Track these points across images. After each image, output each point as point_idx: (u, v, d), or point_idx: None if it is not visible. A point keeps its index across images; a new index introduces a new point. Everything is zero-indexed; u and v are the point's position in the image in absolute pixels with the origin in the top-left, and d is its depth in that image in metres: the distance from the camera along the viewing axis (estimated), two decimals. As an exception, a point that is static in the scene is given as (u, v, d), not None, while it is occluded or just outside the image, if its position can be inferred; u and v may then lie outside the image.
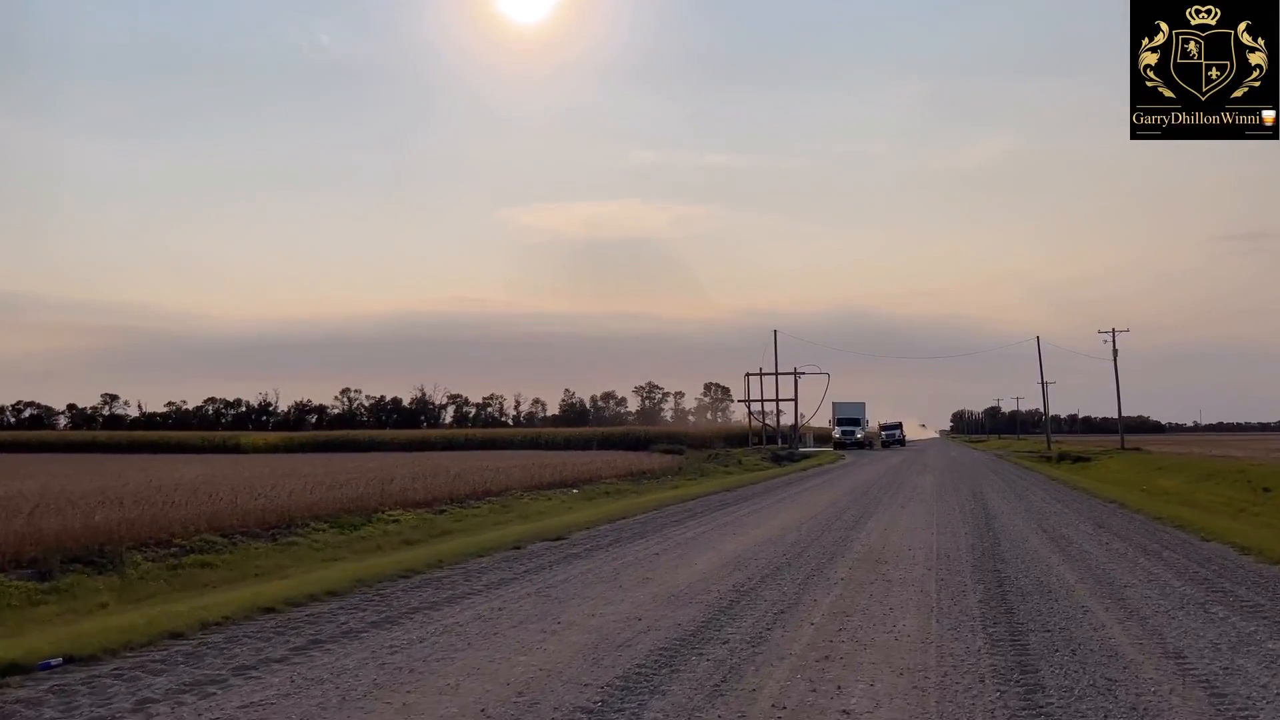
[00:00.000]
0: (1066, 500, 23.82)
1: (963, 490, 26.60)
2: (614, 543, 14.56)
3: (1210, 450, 67.61)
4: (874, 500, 22.82)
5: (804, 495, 25.44)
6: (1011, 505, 21.49)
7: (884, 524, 16.93)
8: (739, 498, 25.14)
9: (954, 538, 14.73)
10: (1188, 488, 33.50)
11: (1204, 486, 33.42)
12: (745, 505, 21.97)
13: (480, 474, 36.04)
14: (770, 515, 19.00)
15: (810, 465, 51.03)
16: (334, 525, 21.21)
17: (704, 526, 16.81)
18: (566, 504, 28.16)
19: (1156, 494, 31.01)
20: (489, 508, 25.98)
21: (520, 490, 32.04)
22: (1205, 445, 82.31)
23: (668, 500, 25.65)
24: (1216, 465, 40.92)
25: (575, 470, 40.53)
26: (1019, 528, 16.47)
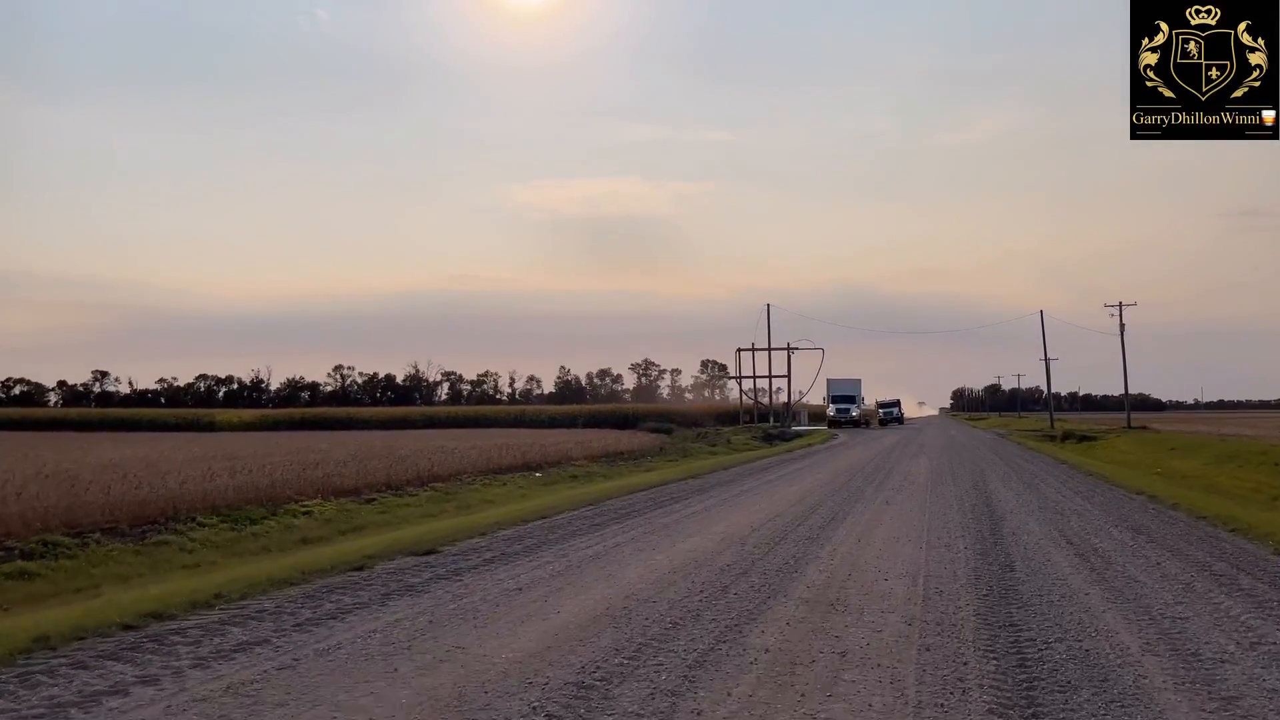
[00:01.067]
0: (1083, 490, 20.09)
1: (962, 478, 22.88)
2: (495, 559, 10.78)
3: (1219, 429, 64.36)
4: (855, 493, 19.08)
5: (776, 484, 21.76)
6: (1021, 499, 17.79)
7: (858, 532, 13.15)
8: (702, 487, 21.54)
9: (949, 557, 10.98)
10: (1207, 471, 30.42)
11: (1225, 470, 30.35)
12: (702, 498, 18.26)
13: (434, 456, 32.65)
14: (722, 514, 15.33)
15: (799, 446, 47.42)
16: (228, 519, 17.97)
17: (630, 532, 13.03)
18: (519, 490, 24.98)
19: (1175, 478, 27.88)
20: (428, 496, 22.59)
21: (473, 475, 28.74)
22: (1211, 423, 78.88)
23: (630, 488, 22.13)
24: (1234, 446, 37.77)
25: (544, 451, 37.18)
26: (1035, 536, 12.69)
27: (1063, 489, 20.43)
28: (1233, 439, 44.78)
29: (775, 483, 22.14)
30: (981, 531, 13.12)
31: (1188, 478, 28.02)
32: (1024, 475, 24.50)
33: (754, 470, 27.63)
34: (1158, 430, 62.79)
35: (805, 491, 19.22)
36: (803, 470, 26.68)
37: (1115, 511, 15.78)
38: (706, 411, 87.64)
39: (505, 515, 16.87)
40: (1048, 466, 28.96)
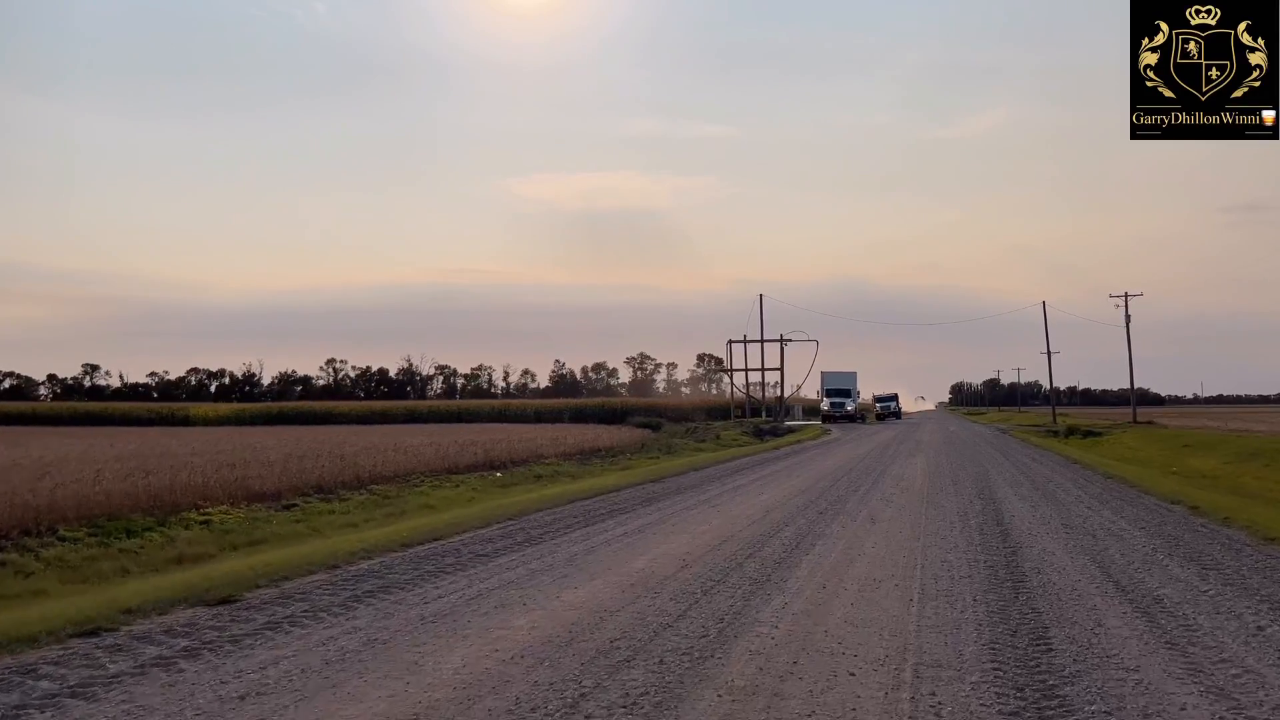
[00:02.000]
0: (1107, 498, 16.46)
1: (965, 484, 19.35)
2: (285, 622, 7.34)
3: (1225, 424, 61.54)
4: (835, 504, 15.53)
5: (747, 490, 18.18)
6: (1038, 513, 14.26)
7: (827, 568, 9.57)
8: (661, 492, 18.10)
9: (952, 618, 7.42)
10: (1229, 470, 27.27)
11: (1249, 469, 27.16)
12: (650, 509, 14.60)
13: (385, 455, 29.39)
14: (661, 535, 11.81)
15: (789, 442, 44.02)
16: (101, 532, 15.10)
17: (519, 568, 9.54)
18: (469, 493, 21.84)
19: (1195, 478, 24.83)
20: (362, 500, 19.77)
21: (425, 475, 25.53)
22: (1216, 419, 75.73)
23: (584, 492, 18.80)
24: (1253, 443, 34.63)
25: (512, 449, 33.88)
26: (1069, 576, 9.13)
27: (1083, 496, 16.98)
28: (1247, 435, 41.67)
29: (746, 488, 18.69)
30: (994, 567, 9.55)
31: (1209, 478, 24.95)
32: (1034, 478, 21.06)
33: (730, 471, 24.21)
34: (1165, 426, 59.46)
35: (777, 501, 15.75)
36: (783, 472, 23.21)
37: (1158, 531, 12.28)
38: (699, 406, 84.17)
39: (414, 529, 13.61)
40: (1058, 467, 25.52)
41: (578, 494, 17.95)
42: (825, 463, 26.81)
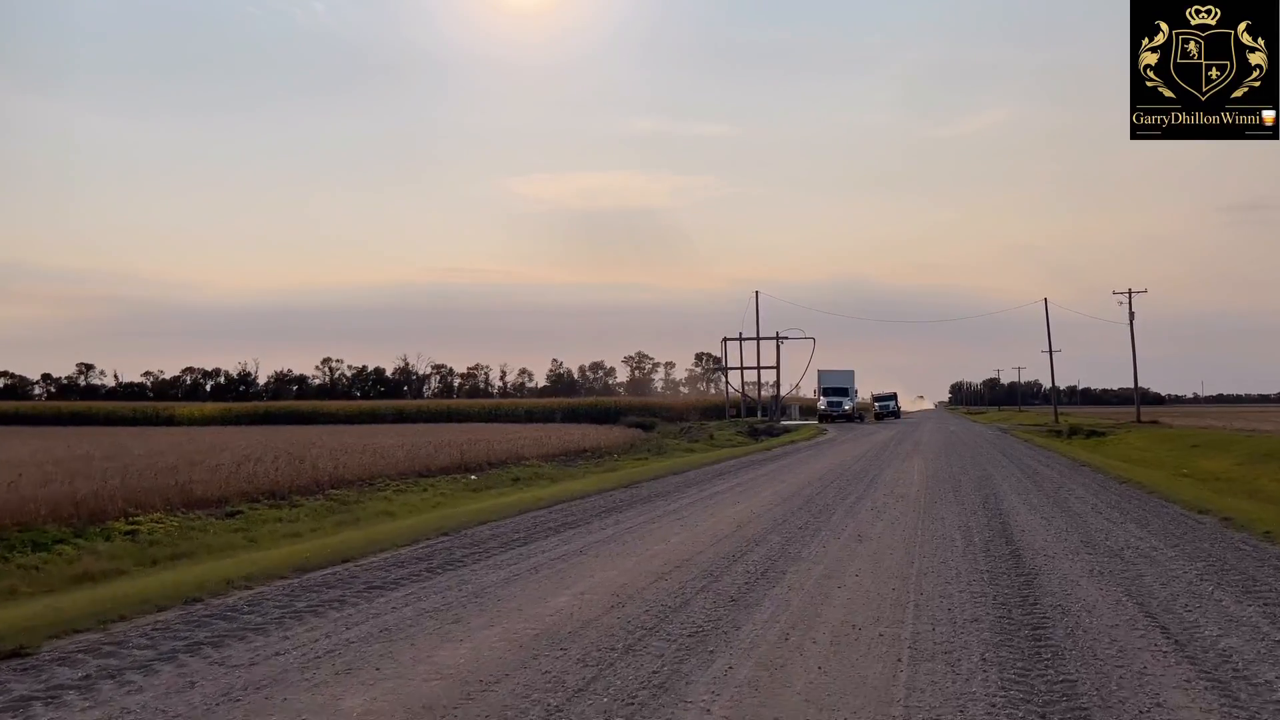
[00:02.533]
0: (1128, 508, 14.40)
1: (966, 490, 17.36)
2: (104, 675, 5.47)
3: (1230, 423, 59.78)
4: (819, 515, 13.50)
5: (724, 497, 16.06)
6: (1053, 528, 12.24)
7: (797, 608, 7.52)
8: (640, 497, 16.11)
9: (956, 691, 5.38)
10: (1242, 472, 25.31)
11: (1263, 471, 25.24)
12: (612, 520, 12.67)
13: (349, 456, 27.49)
14: (610, 556, 9.85)
15: (782, 442, 42.04)
16: (4, 544, 13.42)
17: (451, 592, 7.76)
18: (435, 499, 20.06)
19: (1208, 481, 23.01)
20: (316, 506, 17.60)
21: (391, 478, 23.66)
22: (1220, 418, 73.80)
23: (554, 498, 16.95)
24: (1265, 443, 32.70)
25: (492, 449, 31.96)
26: (1104, 620, 7.09)
27: (1099, 505, 14.97)
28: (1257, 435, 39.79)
29: (724, 495, 16.70)
30: (1006, 605, 7.52)
31: (1223, 480, 23.03)
32: (1043, 485, 19.05)
33: (713, 475, 22.23)
34: (1169, 425, 57.51)
35: (754, 512, 13.74)
36: (768, 476, 21.21)
37: (1195, 551, 10.24)
38: (694, 405, 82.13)
39: (321, 549, 11.73)
40: (1066, 470, 23.50)
41: (536, 502, 15.99)
42: (816, 465, 24.82)
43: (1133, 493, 17.49)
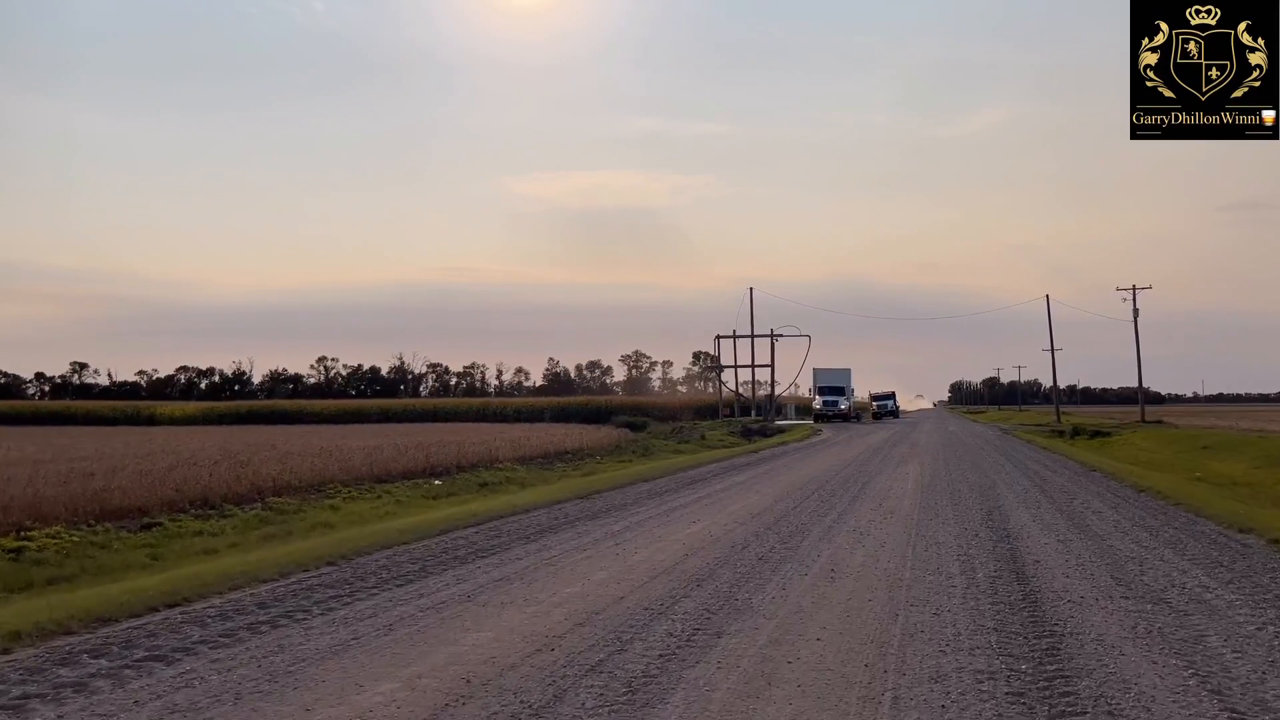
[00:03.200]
0: (1160, 528, 12.19)
1: (967, 504, 15.16)
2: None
3: (1236, 423, 57.83)
4: (790, 539, 11.24)
5: (680, 513, 14.01)
6: (1074, 558, 9.98)
7: (722, 700, 5.27)
8: (592, 511, 14.03)
9: None
10: (1260, 476, 23.44)
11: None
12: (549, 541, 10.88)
13: (305, 460, 25.48)
14: (503, 604, 7.69)
15: (774, 443, 39.98)
16: None
17: (211, 685, 5.45)
18: (387, 508, 18.19)
19: (1224, 485, 21.35)
20: (250, 517, 15.76)
21: (346, 483, 21.70)
22: (1224, 417, 71.75)
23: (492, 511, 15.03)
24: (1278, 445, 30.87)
25: (463, 451, 29.92)
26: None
27: (1122, 523, 12.78)
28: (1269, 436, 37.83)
29: (686, 509, 14.50)
30: (1027, 700, 5.25)
31: (1240, 485, 21.14)
32: (1053, 494, 16.95)
33: (687, 481, 20.15)
34: (1175, 425, 55.45)
35: (711, 535, 11.38)
36: (746, 484, 19.13)
37: (1263, 594, 7.76)
38: (688, 405, 80.00)
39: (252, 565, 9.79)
40: (1076, 477, 21.38)
41: (471, 518, 13.88)
42: (803, 470, 22.75)
43: (1154, 504, 15.41)
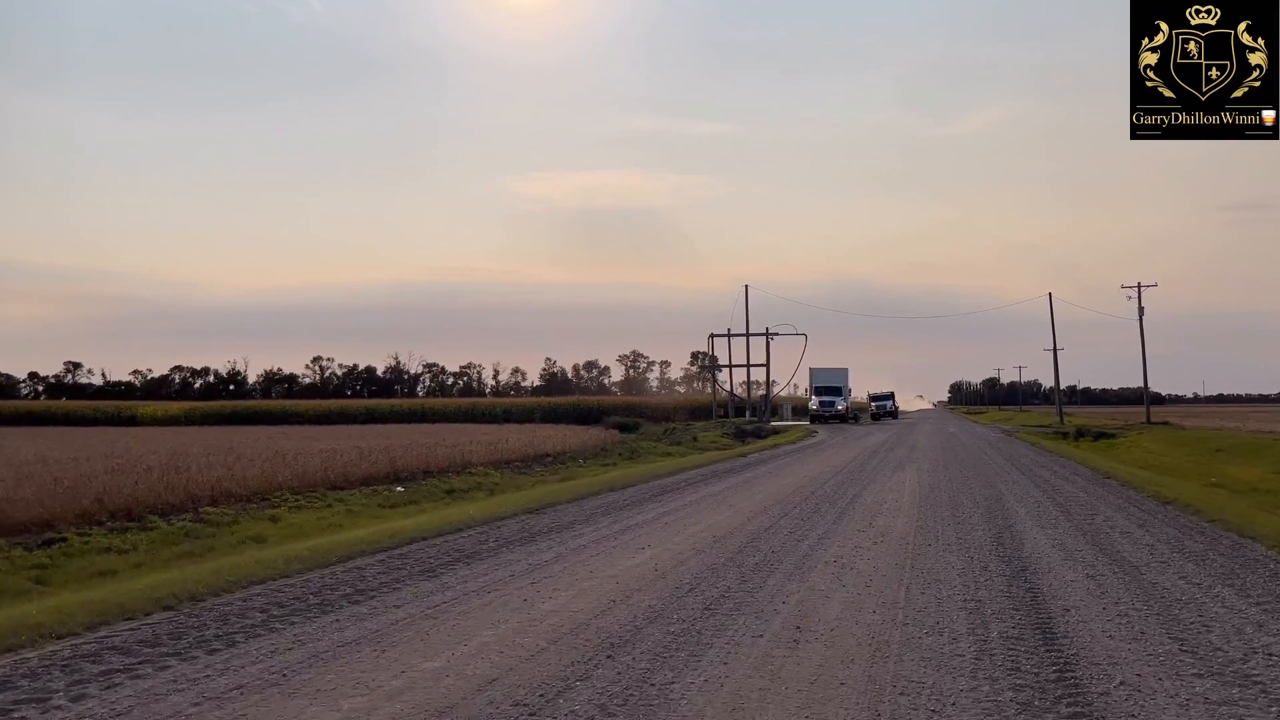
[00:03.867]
0: (1205, 555, 10.09)
1: (972, 523, 13.04)
2: None
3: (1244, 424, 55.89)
4: (753, 575, 9.14)
5: (636, 533, 11.90)
6: (1115, 608, 7.81)
7: None
8: (535, 529, 11.96)
9: None
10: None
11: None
12: (449, 579, 8.79)
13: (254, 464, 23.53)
14: (318, 693, 5.55)
15: (765, 446, 37.92)
16: None
17: None
18: (334, 518, 16.54)
19: (1245, 492, 19.00)
20: (175, 529, 14.10)
21: (296, 491, 19.77)
22: (1229, 418, 69.67)
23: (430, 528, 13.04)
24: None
25: (432, 455, 27.91)
26: None
27: (1159, 547, 10.50)
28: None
29: (643, 529, 12.30)
30: None
31: (1262, 493, 19.25)
32: (1070, 509, 14.81)
33: (659, 491, 18.09)
34: (1182, 426, 53.37)
35: (657, 568, 9.50)
36: (722, 496, 17.01)
37: None
38: (682, 405, 77.89)
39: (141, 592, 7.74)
40: (1092, 486, 19.23)
41: (391, 538, 11.79)
42: (789, 478, 20.67)
43: (1186, 520, 13.31)
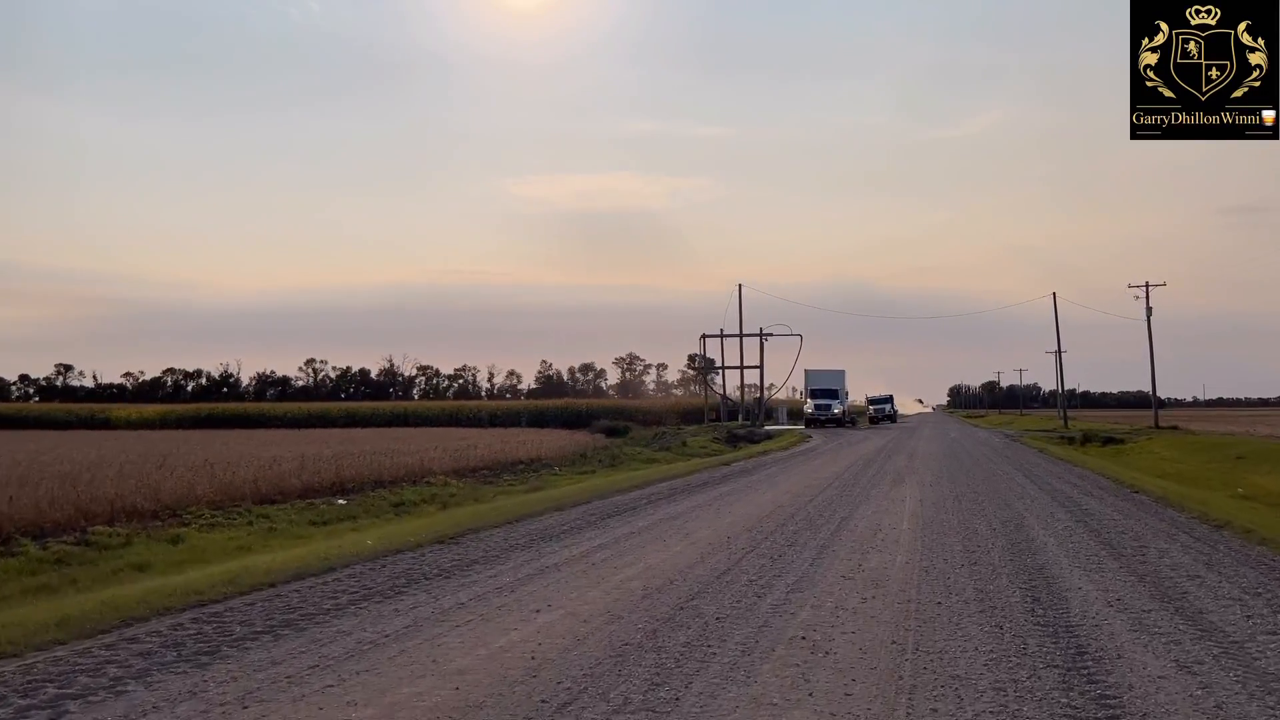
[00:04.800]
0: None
1: (991, 560, 10.21)
2: None
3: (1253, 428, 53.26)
4: (679, 662, 6.20)
5: (568, 573, 9.11)
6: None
7: None
8: (411, 575, 9.08)
9: None
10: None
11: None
12: (274, 652, 5.91)
13: (172, 474, 20.89)
14: None
15: (754, 453, 35.18)
16: None
17: None
18: (248, 539, 14.64)
19: (1277, 505, 16.93)
20: (36, 557, 12.10)
21: (215, 505, 17.22)
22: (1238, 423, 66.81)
23: (356, 555, 10.35)
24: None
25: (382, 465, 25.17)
26: None
27: (1247, 600, 7.65)
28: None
29: (567, 569, 9.51)
30: None
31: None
32: (1107, 535, 11.95)
33: (614, 511, 15.31)
34: (1192, 431, 50.66)
35: (552, 647, 6.49)
36: (687, 516, 14.14)
37: None
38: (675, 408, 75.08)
39: None
40: (1123, 503, 16.38)
41: (228, 582, 9.16)
42: (769, 494, 17.87)
43: (1260, 556, 10.50)
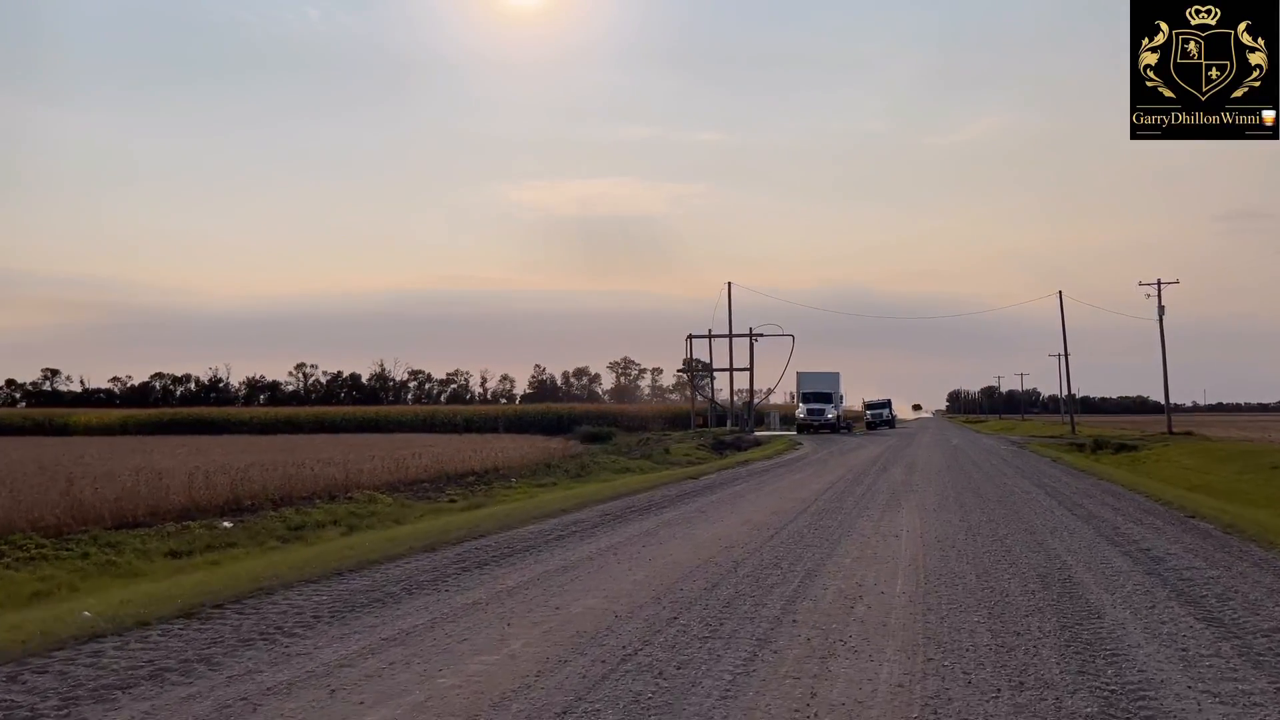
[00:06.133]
0: None
1: (1045, 669, 6.38)
2: None
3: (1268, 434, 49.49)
4: None
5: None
6: None
7: None
8: (189, 656, 5.76)
9: None
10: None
11: None
12: None
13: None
14: None
15: (736, 462, 31.34)
16: None
17: None
18: (61, 579, 10.75)
19: None
20: None
21: (45, 531, 13.57)
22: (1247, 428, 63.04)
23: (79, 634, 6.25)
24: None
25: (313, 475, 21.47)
26: None
27: None
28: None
29: (400, 647, 6.08)
30: None
31: None
32: (1195, 595, 7.95)
33: (533, 544, 11.51)
34: (1209, 437, 46.82)
35: None
36: (623, 550, 10.20)
37: None
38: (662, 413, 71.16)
39: None
40: (1184, 535, 12.47)
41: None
42: (722, 524, 13.83)
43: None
